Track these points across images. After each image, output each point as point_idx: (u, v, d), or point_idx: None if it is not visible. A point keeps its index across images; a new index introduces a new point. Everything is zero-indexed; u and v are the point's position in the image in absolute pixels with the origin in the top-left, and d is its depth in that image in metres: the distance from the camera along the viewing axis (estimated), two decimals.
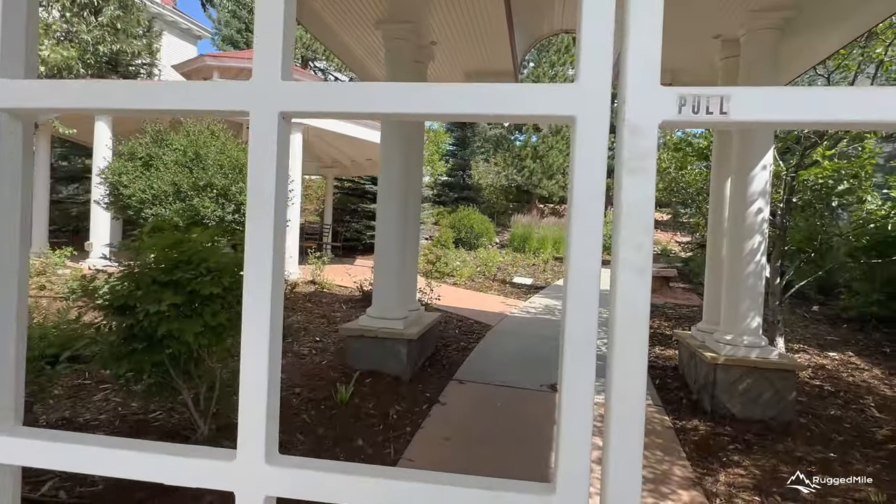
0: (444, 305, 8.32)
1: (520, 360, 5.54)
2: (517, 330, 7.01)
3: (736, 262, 4.25)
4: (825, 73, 5.51)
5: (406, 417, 3.83)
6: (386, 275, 4.76)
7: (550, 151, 25.74)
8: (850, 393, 4.71)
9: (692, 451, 3.55)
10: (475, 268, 13.85)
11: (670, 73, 5.66)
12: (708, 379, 4.23)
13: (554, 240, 21.85)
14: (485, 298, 9.64)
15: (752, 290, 4.20)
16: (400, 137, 4.74)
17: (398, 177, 4.72)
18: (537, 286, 11.94)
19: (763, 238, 4.20)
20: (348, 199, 19.22)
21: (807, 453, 3.50)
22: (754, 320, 4.21)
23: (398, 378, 4.55)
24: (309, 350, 5.20)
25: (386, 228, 4.74)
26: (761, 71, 4.16)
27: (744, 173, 4.19)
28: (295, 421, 3.53)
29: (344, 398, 3.87)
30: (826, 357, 5.90)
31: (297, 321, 6.46)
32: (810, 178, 5.61)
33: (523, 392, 4.55)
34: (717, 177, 5.09)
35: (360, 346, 4.66)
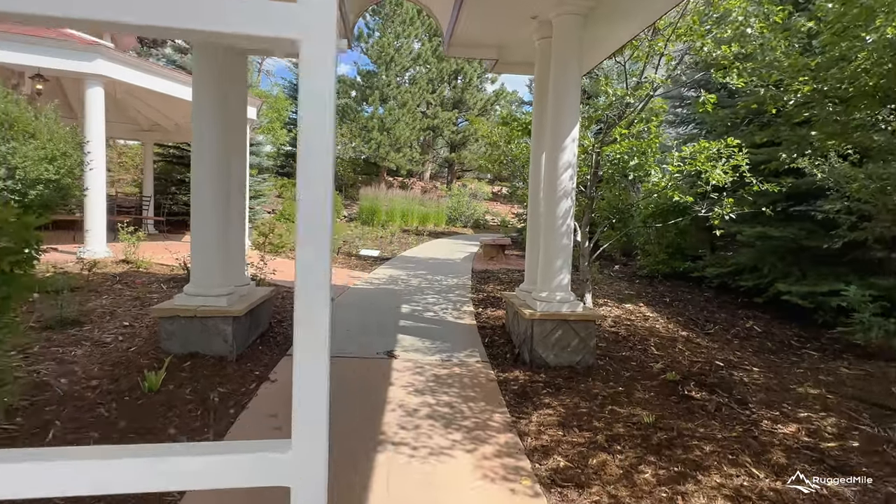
0: (283, 280, 7.91)
1: (359, 330, 5.52)
2: (358, 302, 6.97)
3: (550, 226, 4.70)
4: (622, 62, 6.29)
5: (230, 399, 3.57)
6: (205, 246, 4.31)
7: (397, 124, 25.76)
8: (638, 336, 5.59)
9: (511, 399, 3.90)
10: None
11: (497, 49, 5.96)
12: (527, 334, 4.66)
13: (402, 212, 22.15)
14: None
15: (564, 251, 4.69)
16: (214, 81, 4.26)
17: (215, 130, 4.26)
18: (383, 258, 12.01)
19: (572, 204, 4.70)
20: (173, 168, 17.08)
21: (602, 390, 4.07)
22: (565, 278, 4.73)
23: (223, 359, 4.21)
24: (115, 337, 4.53)
25: (202, 193, 4.28)
26: (567, 54, 4.58)
27: (557, 145, 4.61)
28: (88, 417, 3.05)
29: (154, 386, 3.45)
30: (623, 308, 6.92)
31: (101, 305, 5.58)
32: (611, 153, 6.41)
33: (360, 361, 4.55)
34: (535, 149, 5.54)
35: (175, 327, 4.19)
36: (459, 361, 4.65)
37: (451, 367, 4.50)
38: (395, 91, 25.94)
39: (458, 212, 23.78)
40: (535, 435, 3.31)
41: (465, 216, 23.87)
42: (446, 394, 3.90)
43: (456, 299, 7.38)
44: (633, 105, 6.39)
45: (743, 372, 4.62)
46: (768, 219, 6.58)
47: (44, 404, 3.16)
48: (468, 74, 28.75)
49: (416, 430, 3.28)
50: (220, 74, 4.30)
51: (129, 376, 3.65)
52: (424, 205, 23.48)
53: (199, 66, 4.23)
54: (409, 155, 27.13)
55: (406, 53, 26.37)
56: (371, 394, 3.83)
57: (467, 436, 3.23)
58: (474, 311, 6.72)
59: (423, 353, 4.84)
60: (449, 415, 3.54)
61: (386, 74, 25.94)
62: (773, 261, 7.18)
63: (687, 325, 6.41)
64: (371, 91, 26.05)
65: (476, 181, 32.85)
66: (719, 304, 7.62)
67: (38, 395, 3.27)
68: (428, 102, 28.79)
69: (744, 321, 6.69)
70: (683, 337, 5.77)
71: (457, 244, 16.29)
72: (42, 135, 5.71)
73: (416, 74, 27.91)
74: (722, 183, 5.96)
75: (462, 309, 6.76)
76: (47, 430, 2.87)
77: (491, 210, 26.95)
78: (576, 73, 4.62)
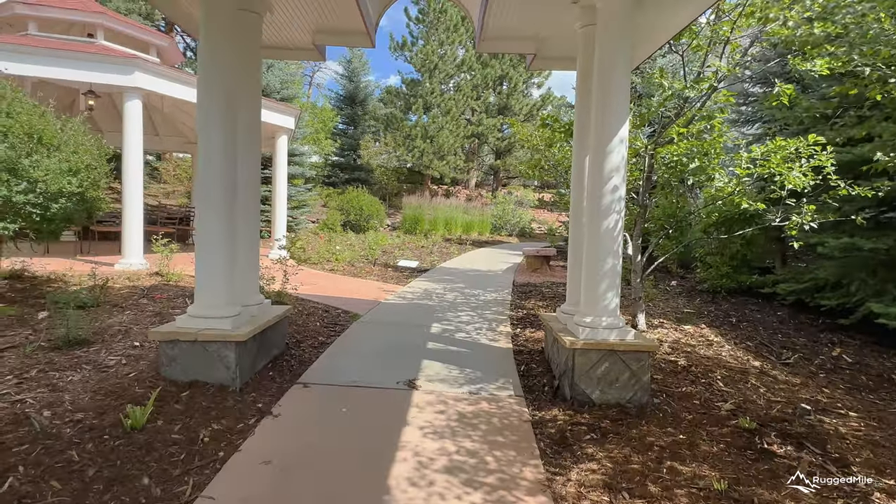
0: (311, 294, 7.58)
1: (382, 353, 5.04)
2: (387, 318, 6.50)
3: (594, 241, 4.05)
4: (679, 52, 5.55)
5: (223, 438, 3.14)
6: (210, 262, 3.95)
7: (441, 132, 25.45)
8: (701, 367, 4.81)
9: (547, 446, 3.28)
10: (359, 251, 13.14)
11: (534, 42, 5.38)
12: (567, 364, 4.02)
13: (445, 221, 21.74)
14: (362, 285, 9.03)
15: (611, 271, 4.03)
16: (221, 83, 3.90)
17: (222, 130, 3.90)
18: (422, 269, 11.56)
19: (620, 215, 4.04)
20: None
21: (658, 437, 3.38)
22: (613, 301, 4.06)
23: (225, 388, 3.81)
24: (118, 360, 4.24)
25: (208, 202, 3.92)
26: (615, 43, 3.95)
27: (602, 146, 3.97)
28: (56, 461, 2.69)
29: (137, 423, 3.08)
30: (681, 330, 6.10)
31: (118, 322, 5.38)
32: (666, 155, 5.67)
33: (377, 392, 4.05)
34: (577, 152, 4.90)
35: (176, 352, 3.83)
36: (489, 395, 4.06)
37: (479, 402, 3.92)
38: (438, 99, 25.68)
39: (503, 220, 23.13)
40: (574, 500, 2.68)
41: (511, 224, 23.18)
42: (470, 438, 3.33)
43: (492, 317, 6.78)
44: (692, 100, 5.63)
45: (837, 418, 3.78)
46: (857, 228, 5.62)
47: (15, 443, 2.83)
48: (513, 79, 28.13)
49: (428, 489, 2.73)
50: (228, 76, 3.94)
51: (117, 409, 3.30)
52: (468, 213, 22.98)
53: (205, 68, 3.89)
54: (453, 163, 26.76)
55: (450, 60, 26.09)
56: (383, 436, 3.31)
57: (489, 498, 2.65)
58: (511, 331, 6.10)
59: (449, 383, 4.29)
60: (470, 467, 2.96)
61: (429, 82, 25.73)
62: (863, 276, 6.16)
63: (759, 352, 5.53)
64: (415, 99, 25.90)
65: (522, 188, 32.06)
66: (796, 326, 6.64)
67: (12, 430, 2.96)
68: (472, 109, 28.38)
69: (829, 348, 5.73)
70: (756, 368, 4.93)
71: (499, 254, 15.67)
72: (66, 147, 5.60)
73: (460, 81, 27.58)
74: (800, 187, 5.11)
75: (498, 329, 6.15)
76: (5, 477, 2.52)
77: (537, 218, 26.13)
78: (624, 64, 3.98)
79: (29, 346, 4.38)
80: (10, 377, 3.76)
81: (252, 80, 4.54)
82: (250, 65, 4.52)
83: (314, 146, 27.93)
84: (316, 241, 15.90)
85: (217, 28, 3.88)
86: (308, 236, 17.19)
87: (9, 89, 5.58)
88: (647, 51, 5.13)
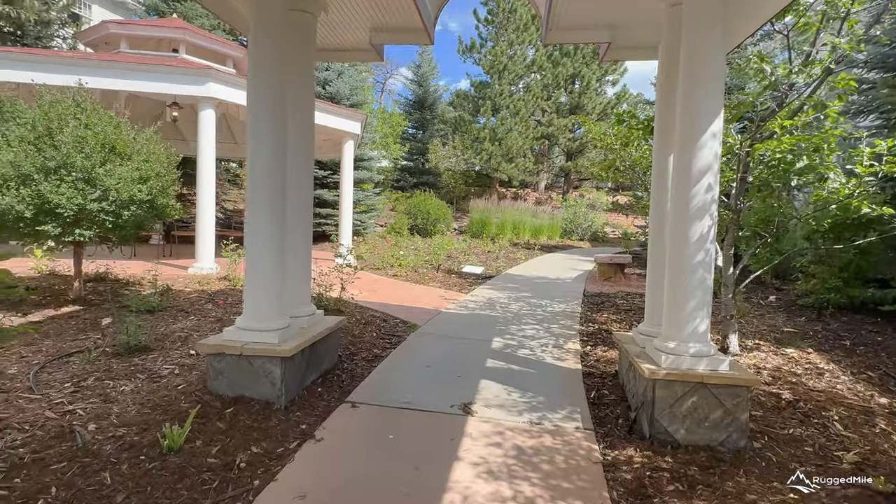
0: (370, 302, 7.41)
1: (438, 370, 4.70)
2: (446, 330, 6.16)
3: (680, 252, 3.47)
4: (784, 31, 4.77)
5: (260, 464, 2.93)
6: (258, 272, 3.80)
7: (510, 134, 24.90)
8: (811, 402, 4.04)
9: (621, 496, 2.78)
10: (423, 256, 12.96)
11: (608, 30, 4.83)
12: (646, 396, 3.47)
13: (513, 224, 21.17)
14: (423, 292, 8.77)
15: (701, 287, 3.44)
16: (271, 87, 3.74)
17: (270, 134, 3.74)
18: (486, 276, 11.16)
19: (713, 222, 3.44)
20: None
21: (761, 495, 2.77)
22: (702, 323, 3.46)
23: (270, 406, 3.63)
24: (172, 370, 4.21)
25: (257, 208, 3.77)
26: (706, 21, 3.36)
27: (690, 143, 3.40)
28: (87, 484, 2.57)
29: (174, 443, 2.93)
30: (783, 355, 5.27)
31: (181, 328, 5.44)
32: (766, 152, 4.90)
33: (428, 417, 3.70)
34: (659, 151, 4.30)
35: (223, 365, 3.71)
36: (554, 427, 3.59)
37: (541, 434, 3.47)
38: (507, 100, 25.16)
39: (574, 224, 22.19)
40: None
41: (582, 228, 22.20)
42: (529, 480, 2.89)
43: (560, 332, 6.25)
44: (798, 88, 4.84)
45: None
46: None
47: (55, 459, 2.76)
48: (586, 77, 27.03)
49: None
50: (278, 78, 3.78)
51: (160, 424, 3.19)
52: (537, 216, 22.27)
53: (254, 70, 3.75)
54: (522, 165, 26.10)
55: (520, 61, 25.49)
56: (430, 472, 2.96)
57: None
58: (580, 349, 5.55)
59: (508, 409, 3.86)
60: None
61: (498, 83, 25.28)
62: None
63: (884, 385, 4.62)
64: (483, 101, 25.54)
65: (595, 191, 30.77)
66: None
67: (56, 445, 2.91)
68: (542, 110, 27.57)
69: None
70: (884, 407, 4.08)
71: (569, 260, 14.92)
72: (138, 156, 5.75)
73: (530, 81, 26.89)
74: None
75: (566, 346, 5.62)
76: (36, 499, 2.42)
77: (610, 221, 24.89)
78: (717, 46, 3.38)
79: (93, 351, 4.47)
80: (68, 384, 3.80)
81: (304, 83, 4.37)
82: (303, 67, 4.35)
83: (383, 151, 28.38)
84: (382, 245, 15.96)
85: (266, 28, 3.72)
86: (375, 240, 17.32)
87: (88, 102, 5.84)
88: (745, 31, 4.44)
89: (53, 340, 4.88)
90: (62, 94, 5.80)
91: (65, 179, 5.19)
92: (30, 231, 5.28)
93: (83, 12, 23.13)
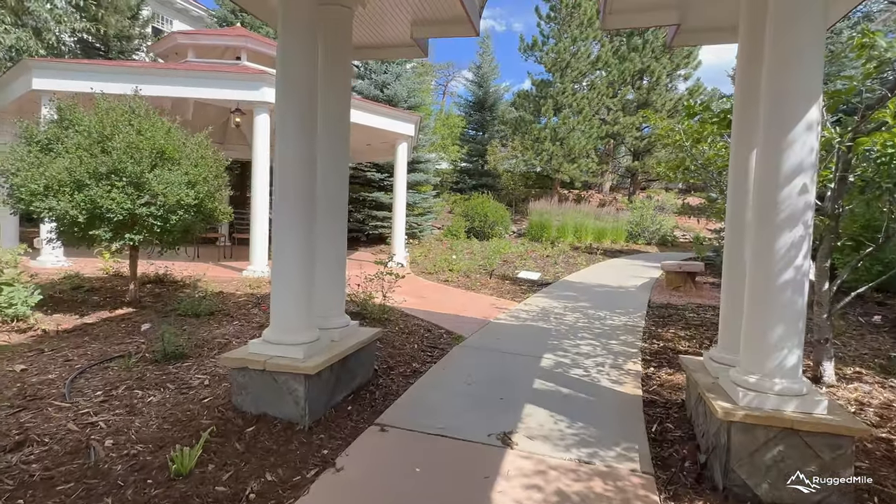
0: (416, 309, 7.13)
1: (479, 389, 4.31)
2: (493, 343, 5.74)
3: (764, 268, 2.89)
4: None
5: (271, 495, 2.67)
6: (285, 281, 3.58)
7: (572, 133, 24.00)
8: None
9: None
10: (478, 260, 12.58)
11: (677, 10, 4.24)
12: (720, 439, 2.91)
13: (574, 227, 20.33)
14: (473, 299, 8.39)
15: (790, 311, 2.83)
16: (299, 75, 3.52)
17: (298, 135, 3.52)
18: (543, 282, 10.61)
19: (806, 233, 2.83)
20: (350, 188, 18.13)
21: None
22: (792, 354, 2.85)
23: (292, 426, 3.39)
24: (203, 379, 4.09)
25: (283, 213, 3.56)
26: None
27: (778, 137, 2.81)
28: None
29: (183, 468, 2.73)
30: (892, 388, 4.43)
31: (222, 334, 5.38)
32: (872, 148, 4.12)
33: (463, 447, 3.32)
34: (737, 147, 3.68)
35: (246, 380, 3.51)
36: (606, 468, 3.10)
37: (590, 477, 2.99)
38: (570, 98, 24.26)
39: (641, 227, 20.99)
40: None
41: (649, 232, 20.95)
42: None
43: (619, 350, 5.66)
44: None
45: None
46: None
47: (63, 479, 2.64)
48: (656, 72, 25.58)
49: None
50: (308, 77, 3.56)
51: (176, 443, 3.02)
52: (600, 219, 21.27)
53: (282, 67, 3.54)
54: (585, 166, 25.08)
55: (583, 57, 24.49)
56: None
57: None
58: (642, 371, 4.96)
59: (554, 443, 3.40)
60: None
61: (560, 81, 24.44)
62: None
63: None
64: (544, 100, 24.78)
65: (663, 192, 29.07)
66: None
67: (69, 461, 2.79)
68: (608, 108, 26.41)
69: None
70: None
71: (634, 266, 14.00)
72: (187, 161, 5.78)
73: (594, 79, 25.82)
74: None
75: (625, 367, 5.05)
76: None
77: (680, 225, 23.39)
78: (817, 15, 2.77)
79: (131, 357, 4.45)
80: (99, 393, 3.75)
81: (339, 81, 4.13)
82: (338, 65, 4.12)
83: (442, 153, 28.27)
84: (437, 248, 15.74)
85: (295, 23, 3.50)
86: (431, 243, 17.15)
87: (142, 108, 5.94)
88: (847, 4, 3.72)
89: (101, 343, 4.95)
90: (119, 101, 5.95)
91: (116, 185, 5.27)
92: (84, 235, 5.41)
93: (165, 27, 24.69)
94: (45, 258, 8.67)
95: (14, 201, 5.28)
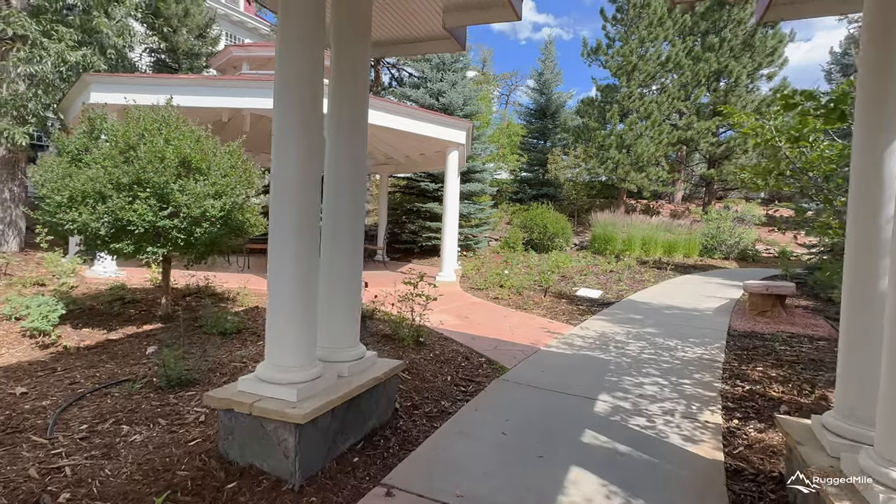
0: (457, 331, 6.47)
1: (516, 441, 3.57)
2: (539, 378, 4.96)
3: None
4: None
5: None
6: (280, 308, 3.05)
7: (640, 140, 22.52)
8: None
9: None
10: (533, 275, 11.74)
11: None
12: None
13: (642, 240, 18.90)
14: (523, 320, 7.61)
15: None
16: (301, 73, 3.00)
17: (298, 141, 3.00)
18: (605, 302, 9.62)
19: None
20: (404, 198, 17.85)
21: None
22: None
23: (280, 483, 2.82)
24: (198, 415, 3.64)
25: (280, 229, 3.04)
26: None
27: None
28: None
29: None
30: None
31: (240, 357, 4.98)
32: None
33: None
34: (863, 143, 2.74)
35: (234, 424, 2.99)
36: None
37: None
38: (637, 103, 22.83)
39: (717, 240, 19.19)
40: None
41: (727, 245, 19.11)
42: None
43: (693, 392, 4.70)
44: None
45: None
46: None
47: None
48: (734, 72, 23.61)
49: None
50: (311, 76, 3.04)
51: (142, 501, 2.53)
52: (671, 231, 19.68)
53: (280, 64, 3.04)
54: (654, 174, 23.44)
55: (652, 59, 22.99)
56: None
57: None
58: (723, 424, 3.99)
59: None
60: None
61: (627, 86, 23.08)
62: None
63: None
64: (609, 106, 23.49)
65: (744, 202, 26.71)
66: None
67: None
68: (679, 112, 24.68)
69: None
70: None
71: (709, 284, 12.59)
72: (215, 170, 5.48)
73: (665, 82, 24.22)
74: None
75: (700, 418, 4.11)
76: None
77: (763, 238, 21.25)
78: None
79: (136, 382, 4.10)
80: (84, 427, 3.38)
81: (353, 82, 3.58)
82: (351, 62, 3.57)
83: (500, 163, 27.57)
84: (491, 261, 15.01)
85: (297, 5, 3.00)
86: (486, 256, 16.44)
87: (174, 117, 5.73)
88: None
89: (115, 364, 4.68)
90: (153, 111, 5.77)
91: (139, 195, 5.04)
92: (107, 248, 5.22)
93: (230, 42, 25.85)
94: (97, 268, 8.81)
95: (40, 213, 5.17)
